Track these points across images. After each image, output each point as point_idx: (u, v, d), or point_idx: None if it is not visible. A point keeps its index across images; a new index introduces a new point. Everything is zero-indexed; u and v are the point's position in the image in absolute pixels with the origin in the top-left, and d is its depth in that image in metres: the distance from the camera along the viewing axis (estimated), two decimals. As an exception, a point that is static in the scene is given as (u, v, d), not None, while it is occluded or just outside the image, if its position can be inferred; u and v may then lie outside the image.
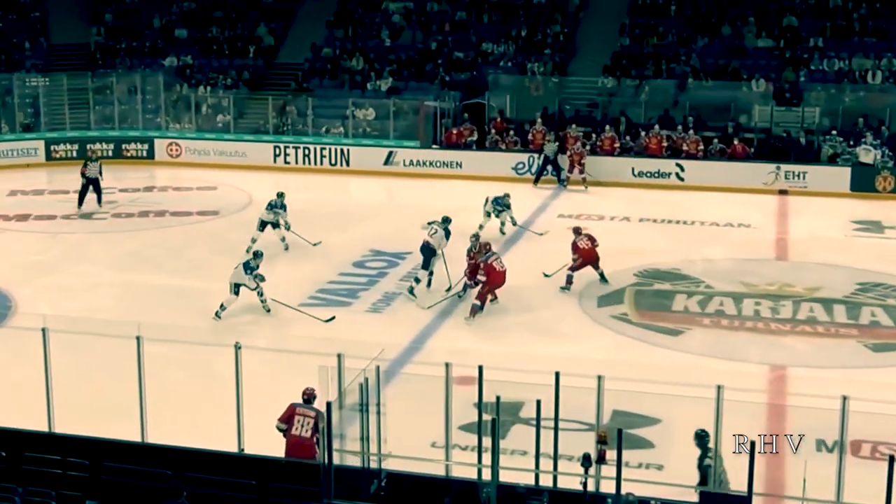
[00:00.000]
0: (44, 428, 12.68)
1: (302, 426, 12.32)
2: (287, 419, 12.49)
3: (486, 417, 11.19)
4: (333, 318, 19.37)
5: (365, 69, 37.18)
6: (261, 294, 19.56)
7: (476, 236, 20.55)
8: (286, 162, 33.92)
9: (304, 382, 12.38)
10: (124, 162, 34.64)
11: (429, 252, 20.92)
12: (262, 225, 23.85)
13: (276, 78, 38.14)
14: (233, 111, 35.88)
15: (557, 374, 11.16)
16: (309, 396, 12.48)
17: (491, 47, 37.04)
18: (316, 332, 17.57)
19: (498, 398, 10.90)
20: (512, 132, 33.00)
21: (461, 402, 11.91)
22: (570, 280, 20.97)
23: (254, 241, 23.12)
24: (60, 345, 13.14)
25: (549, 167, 31.15)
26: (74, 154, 34.66)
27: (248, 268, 19.52)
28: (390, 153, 33.16)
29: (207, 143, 34.96)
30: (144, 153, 35.21)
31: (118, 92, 36.77)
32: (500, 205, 24.77)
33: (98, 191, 28.49)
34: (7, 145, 34.65)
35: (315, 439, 12.17)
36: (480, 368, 11.39)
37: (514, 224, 25.07)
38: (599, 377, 11.36)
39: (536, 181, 31.17)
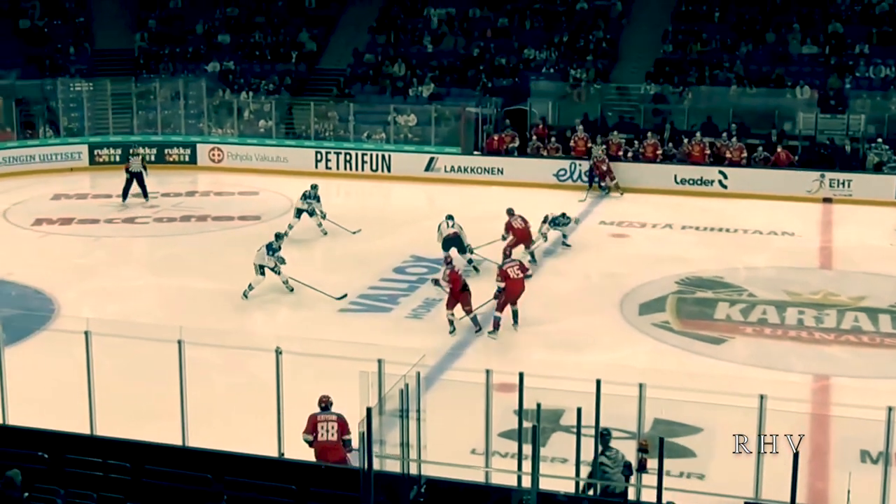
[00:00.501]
0: (86, 430, 12.77)
1: (327, 431, 12.77)
2: (311, 429, 12.76)
3: (527, 424, 11.15)
4: (345, 295, 20.67)
5: (407, 75, 37.25)
6: (279, 274, 21.01)
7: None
8: (327, 167, 34.02)
9: (344, 387, 12.37)
10: (167, 167, 34.86)
11: (458, 240, 22.41)
12: (298, 213, 25.39)
13: (318, 83, 38.27)
14: (275, 116, 36.02)
15: (598, 382, 11.10)
16: (326, 403, 12.91)
17: (533, 53, 37.00)
18: (356, 337, 17.60)
19: (538, 405, 10.86)
20: (553, 139, 32.94)
21: (501, 408, 11.90)
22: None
23: (290, 227, 24.35)
24: (102, 348, 13.23)
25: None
26: (117, 158, 34.90)
27: (271, 249, 21.01)
28: (431, 159, 33.19)
29: (249, 148, 35.13)
30: (187, 158, 35.44)
31: (161, 97, 37.04)
32: (558, 225, 24.60)
33: (142, 185, 29.46)
34: (51, 149, 34.97)
35: (341, 442, 12.68)
36: (521, 375, 11.36)
37: (566, 245, 24.84)
38: (641, 385, 11.29)
39: (590, 186, 31.10)
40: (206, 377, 14.87)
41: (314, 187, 25.73)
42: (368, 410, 10.62)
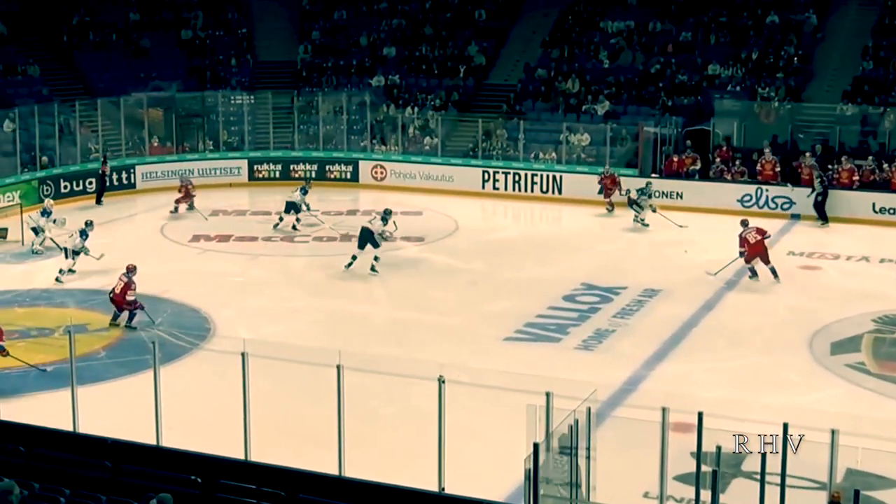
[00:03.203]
0: (240, 455, 13.05)
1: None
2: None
3: (705, 468, 10.99)
4: (102, 255, 24.42)
5: (581, 91, 37.20)
6: (74, 258, 24.42)
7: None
8: (495, 188, 34.18)
9: (509, 419, 12.40)
10: (328, 184, 35.53)
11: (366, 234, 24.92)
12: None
13: (487, 99, 38.51)
14: (441, 133, 36.36)
15: (786, 426, 10.87)
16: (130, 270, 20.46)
17: (718, 70, 36.54)
18: (523, 368, 17.59)
19: (719, 448, 10.70)
20: (738, 161, 32.43)
21: (678, 450, 11.73)
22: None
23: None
24: (258, 369, 13.52)
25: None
26: (277, 175, 35.83)
27: (84, 234, 24.62)
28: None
29: (413, 166, 35.54)
30: (348, 175, 36.07)
31: (323, 111, 37.83)
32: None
33: (103, 190, 32.92)
34: (211, 163, 36.05)
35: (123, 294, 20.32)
36: (700, 415, 11.19)
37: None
38: (833, 431, 11.00)
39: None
40: (364, 404, 15.04)
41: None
42: (535, 446, 10.61)
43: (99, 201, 32.91)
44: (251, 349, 13.34)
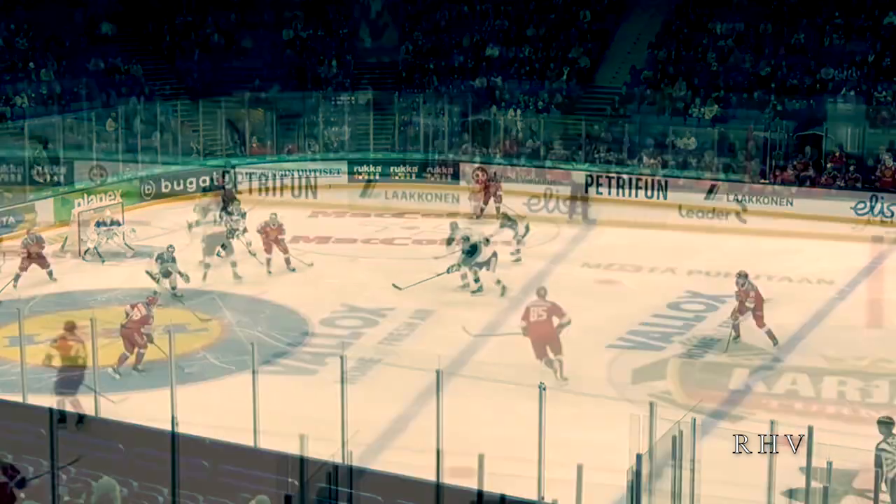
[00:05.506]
0: (337, 458, 13.12)
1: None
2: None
3: (815, 485, 10.84)
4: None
5: (688, 95, 36.88)
6: (158, 282, 23.22)
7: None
8: (598, 192, 34.00)
9: (612, 429, 12.37)
10: (428, 186, 35.61)
11: None
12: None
13: (591, 102, 38.35)
14: (543, 136, 36.25)
15: (900, 441, 10.70)
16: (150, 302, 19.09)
17: (832, 73, 35.97)
18: (624, 377, 17.53)
19: (829, 464, 10.55)
20: (852, 168, 31.92)
21: (786, 464, 11.60)
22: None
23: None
24: (357, 372, 13.62)
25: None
26: (377, 176, 35.96)
27: (161, 258, 23.40)
28: (713, 187, 32.69)
29: (516, 169, 35.47)
30: (449, 178, 36.10)
31: (424, 112, 37.91)
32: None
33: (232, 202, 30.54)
34: (311, 164, 36.31)
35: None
36: (810, 429, 11.06)
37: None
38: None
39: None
40: (464, 410, 15.06)
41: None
42: (638, 457, 10.56)
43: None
44: (348, 352, 13.45)
